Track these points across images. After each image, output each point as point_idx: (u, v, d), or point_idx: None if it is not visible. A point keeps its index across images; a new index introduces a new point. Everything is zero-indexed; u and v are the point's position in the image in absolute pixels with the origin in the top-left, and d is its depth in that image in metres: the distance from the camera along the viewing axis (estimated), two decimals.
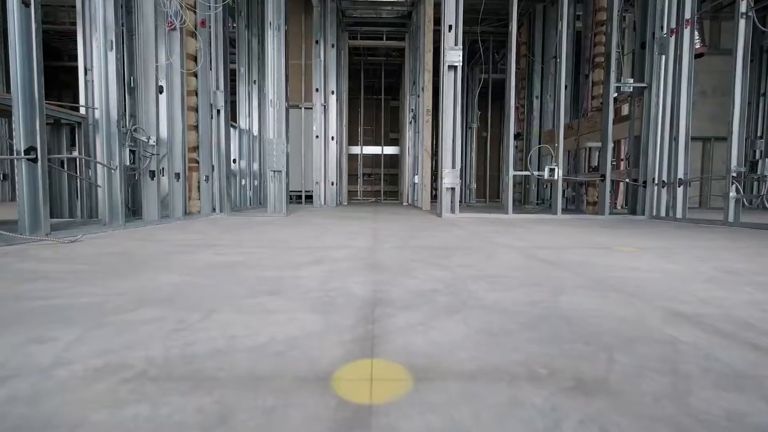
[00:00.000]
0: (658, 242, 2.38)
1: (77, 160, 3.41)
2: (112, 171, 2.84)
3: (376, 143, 12.62)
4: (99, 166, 2.89)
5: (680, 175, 4.38)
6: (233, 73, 6.64)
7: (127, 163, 2.99)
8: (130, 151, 3.03)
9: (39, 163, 2.19)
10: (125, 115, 3.03)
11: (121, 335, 0.77)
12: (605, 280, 1.31)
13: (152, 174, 3.39)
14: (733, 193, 3.66)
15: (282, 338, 0.76)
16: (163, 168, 3.72)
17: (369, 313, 0.93)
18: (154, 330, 0.79)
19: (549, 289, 1.18)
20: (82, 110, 3.35)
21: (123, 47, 3.45)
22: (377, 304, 1.00)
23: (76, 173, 3.43)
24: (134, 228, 2.86)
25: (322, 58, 7.09)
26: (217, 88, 4.40)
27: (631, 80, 4.71)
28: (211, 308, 0.95)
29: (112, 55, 2.79)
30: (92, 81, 3.24)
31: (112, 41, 2.76)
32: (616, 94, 4.79)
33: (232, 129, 6.29)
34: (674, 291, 1.17)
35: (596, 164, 6.18)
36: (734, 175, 3.64)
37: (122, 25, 3.55)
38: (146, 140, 3.29)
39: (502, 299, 1.06)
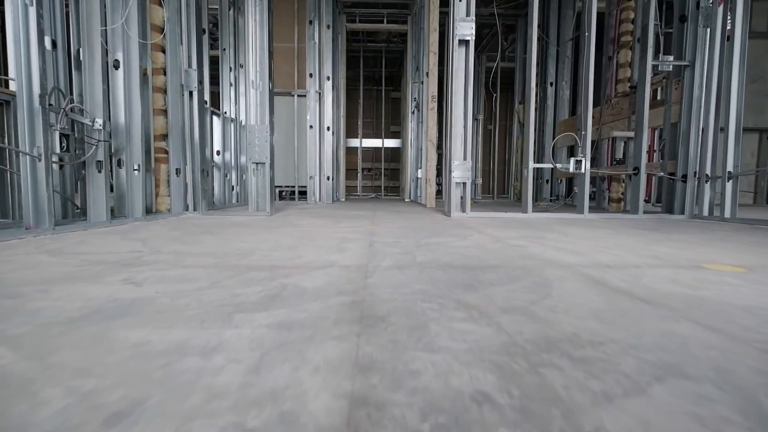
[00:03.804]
0: (751, 255, 1.76)
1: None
2: (37, 160, 2.23)
3: (377, 136, 11.97)
4: (24, 155, 2.28)
5: (729, 167, 3.75)
6: (218, 59, 6.01)
7: (58, 150, 2.38)
8: (63, 135, 2.41)
9: None
10: (58, 90, 2.41)
11: None
12: None
13: (100, 165, 2.78)
14: None
15: None
16: (121, 159, 3.12)
17: None
18: None
19: (714, 385, 0.57)
20: (12, 86, 2.73)
21: (65, 12, 2.83)
22: None
23: (7, 165, 2.82)
24: (66, 233, 2.25)
25: (317, 40, 6.44)
26: (189, 65, 3.77)
27: (671, 57, 4.07)
28: None
29: (32, 11, 2.16)
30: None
31: None
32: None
33: (215, 117, 5.67)
34: None
35: (621, 156, 5.55)
36: None
37: None
38: (90, 123, 2.67)
39: None
